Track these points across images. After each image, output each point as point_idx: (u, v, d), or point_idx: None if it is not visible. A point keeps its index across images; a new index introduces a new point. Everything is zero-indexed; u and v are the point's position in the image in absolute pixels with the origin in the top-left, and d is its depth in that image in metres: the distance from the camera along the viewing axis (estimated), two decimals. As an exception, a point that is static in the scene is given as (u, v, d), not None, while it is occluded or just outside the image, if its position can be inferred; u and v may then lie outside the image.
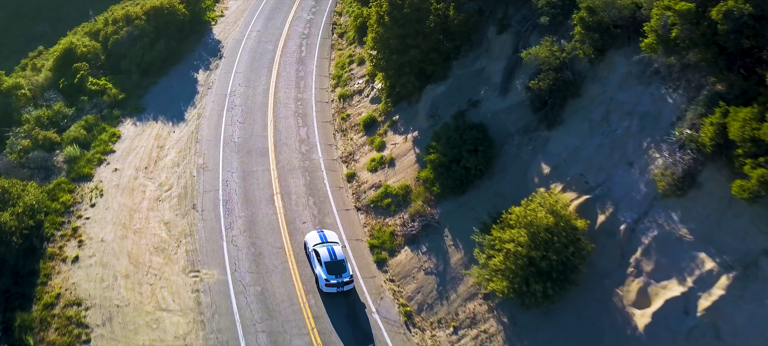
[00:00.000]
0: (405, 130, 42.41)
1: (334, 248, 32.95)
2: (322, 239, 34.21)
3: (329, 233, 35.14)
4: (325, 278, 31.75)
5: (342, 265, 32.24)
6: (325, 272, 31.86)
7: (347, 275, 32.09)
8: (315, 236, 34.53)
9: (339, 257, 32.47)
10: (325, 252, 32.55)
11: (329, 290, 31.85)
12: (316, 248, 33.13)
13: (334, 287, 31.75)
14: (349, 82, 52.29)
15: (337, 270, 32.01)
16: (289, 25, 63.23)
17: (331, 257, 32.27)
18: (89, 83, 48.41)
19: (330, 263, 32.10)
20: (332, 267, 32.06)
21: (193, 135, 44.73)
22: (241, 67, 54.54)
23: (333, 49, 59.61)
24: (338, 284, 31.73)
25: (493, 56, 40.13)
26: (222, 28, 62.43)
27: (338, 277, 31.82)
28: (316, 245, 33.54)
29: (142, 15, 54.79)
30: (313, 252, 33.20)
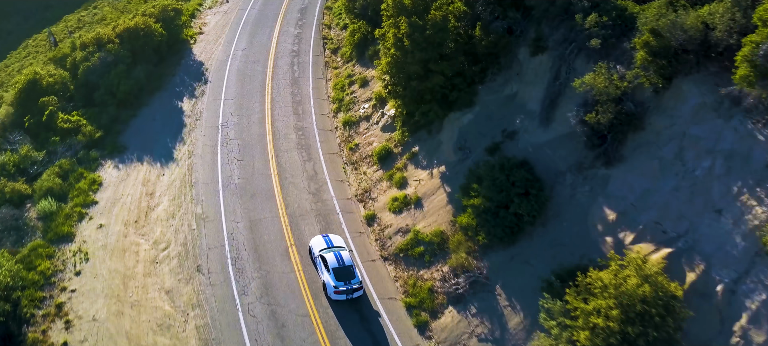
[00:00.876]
0: (428, 164, 38.03)
1: (342, 253, 31.96)
2: (328, 244, 33.14)
3: (335, 237, 34.02)
4: (333, 285, 30.63)
5: (351, 271, 31.20)
6: (334, 278, 30.74)
7: (356, 281, 30.96)
8: (320, 241, 33.47)
9: (347, 262, 31.50)
10: (332, 258, 31.53)
11: (338, 297, 30.76)
12: (323, 254, 32.09)
13: (343, 294, 30.70)
14: (353, 107, 47.57)
15: (346, 276, 30.89)
16: (276, 41, 58.02)
17: (338, 263, 31.21)
18: (60, 120, 42.42)
19: (338, 269, 30.98)
20: (341, 273, 30.91)
21: (186, 178, 39.34)
22: (230, 92, 49.20)
23: (328, 68, 54.75)
24: (347, 290, 30.68)
25: (526, 80, 36.09)
26: (203, 47, 56.79)
27: (347, 283, 30.70)
28: (322, 251, 32.44)
29: (115, 38, 48.89)
30: (320, 258, 32.16)
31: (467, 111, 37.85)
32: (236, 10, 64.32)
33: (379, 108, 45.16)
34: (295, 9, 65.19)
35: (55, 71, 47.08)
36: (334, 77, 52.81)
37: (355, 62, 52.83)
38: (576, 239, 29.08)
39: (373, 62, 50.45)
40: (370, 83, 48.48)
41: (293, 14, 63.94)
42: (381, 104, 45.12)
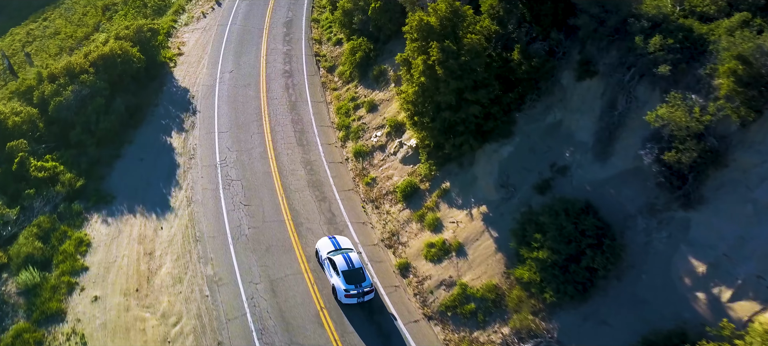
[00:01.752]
0: (464, 203, 34.15)
1: (351, 256, 31.25)
2: (336, 246, 32.56)
3: (342, 239, 33.42)
4: (344, 289, 29.94)
5: (361, 273, 30.59)
6: (344, 282, 30.06)
7: (367, 283, 30.41)
8: (327, 243, 32.82)
9: (356, 264, 30.83)
10: (341, 260, 30.83)
11: (349, 301, 30.09)
12: (331, 257, 31.37)
13: (354, 297, 30.02)
14: (363, 135, 43.26)
15: (357, 279, 30.28)
16: (265, 60, 53.08)
17: (348, 266, 30.57)
18: (33, 168, 36.65)
19: (348, 272, 30.35)
20: (351, 276, 30.28)
21: (188, 231, 34.35)
22: (223, 123, 44.15)
23: (326, 89, 50.22)
24: (358, 294, 30.00)
25: (571, 108, 32.57)
26: (185, 70, 51.36)
27: (358, 287, 30.07)
28: (330, 253, 31.75)
29: (89, 67, 43.15)
30: (328, 261, 31.52)
31: (505, 142, 34.12)
32: (216, 26, 58.92)
33: (395, 136, 41.00)
34: (279, 23, 60.27)
35: (21, 108, 41.07)
36: (336, 100, 48.32)
37: (357, 83, 48.48)
38: (661, 295, 25.72)
39: (379, 83, 46.32)
40: (380, 108, 44.27)
41: (278, 29, 59.02)
42: (397, 132, 40.97)
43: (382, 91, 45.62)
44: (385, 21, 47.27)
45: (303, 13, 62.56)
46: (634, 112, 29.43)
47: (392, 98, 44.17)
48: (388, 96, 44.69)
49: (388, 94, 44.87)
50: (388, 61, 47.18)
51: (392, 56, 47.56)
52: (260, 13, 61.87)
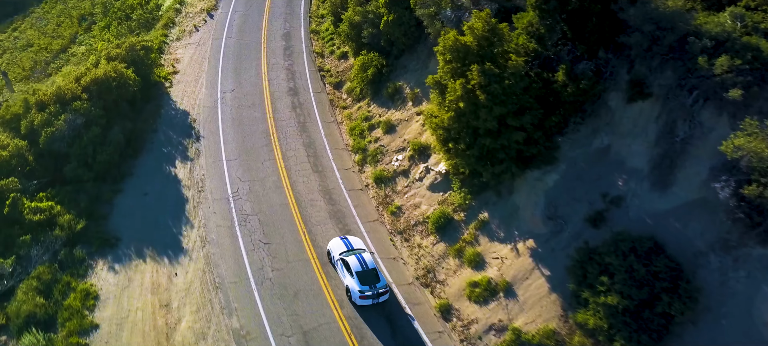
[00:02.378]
0: (507, 237, 31.66)
1: (364, 256, 31.13)
2: (348, 246, 32.33)
3: (354, 240, 33.18)
4: (358, 290, 29.74)
5: (375, 274, 30.44)
6: (359, 283, 29.85)
7: (382, 284, 30.21)
8: (339, 244, 32.58)
9: (370, 265, 30.70)
10: (354, 261, 30.67)
11: (364, 302, 29.87)
12: (344, 257, 31.22)
13: (369, 298, 29.82)
14: (382, 158, 40.48)
15: (371, 280, 30.07)
16: (266, 77, 49.90)
17: (362, 267, 30.40)
18: (27, 211, 33.02)
19: (362, 273, 30.16)
20: (365, 277, 30.07)
21: (206, 276, 31.19)
22: (230, 149, 40.92)
23: (335, 108, 47.30)
24: (374, 295, 29.82)
25: (621, 132, 30.27)
26: (182, 90, 47.87)
27: (373, 288, 29.86)
28: (343, 254, 31.64)
29: (82, 93, 39.51)
30: (341, 262, 31.36)
31: (549, 169, 31.70)
32: (210, 40, 55.47)
33: (419, 160, 38.33)
34: (277, 35, 57.08)
35: (8, 140, 37.24)
36: (347, 120, 45.44)
37: (369, 101, 45.66)
38: (741, 340, 23.62)
39: (395, 102, 43.58)
40: (398, 128, 41.54)
41: (277, 42, 55.83)
42: (421, 156, 38.32)
43: (398, 110, 42.89)
44: (398, 35, 44.54)
45: (301, 25, 59.49)
46: (698, 138, 27.26)
47: (411, 118, 41.52)
48: (406, 116, 42.00)
49: (405, 114, 42.17)
50: (403, 77, 44.50)
51: (407, 72, 44.97)
52: (256, 26, 58.58)
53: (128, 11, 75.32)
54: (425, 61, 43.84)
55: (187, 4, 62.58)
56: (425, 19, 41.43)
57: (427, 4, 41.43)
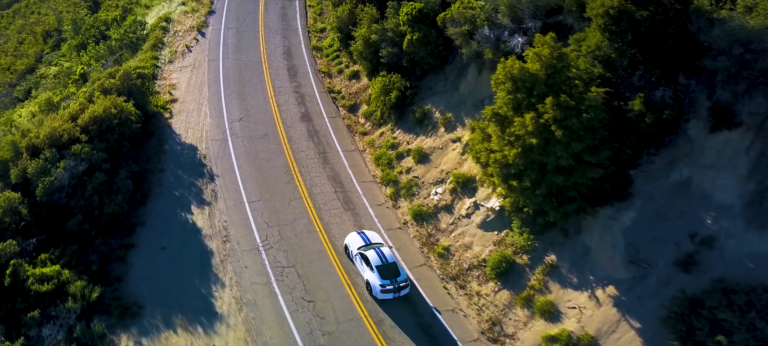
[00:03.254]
0: (582, 283, 28.72)
1: (383, 250, 31.12)
2: (366, 241, 32.25)
3: (371, 234, 33.03)
4: (380, 284, 29.76)
5: (395, 268, 30.56)
6: (380, 277, 29.87)
7: (402, 278, 30.32)
8: (356, 238, 32.48)
9: (390, 259, 30.76)
10: (374, 255, 30.60)
11: (386, 296, 29.98)
12: (363, 252, 31.11)
13: (390, 292, 29.94)
14: (418, 192, 37.14)
15: (391, 274, 30.17)
16: (275, 102, 45.87)
17: (381, 261, 30.40)
18: (31, 280, 28.38)
19: (382, 267, 30.18)
20: (385, 271, 30.09)
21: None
22: (251, 190, 36.86)
23: (354, 134, 43.68)
24: (395, 288, 29.93)
25: (703, 163, 27.64)
26: (184, 121, 43.42)
27: (393, 282, 29.93)
28: (361, 248, 31.58)
29: (80, 133, 34.87)
30: (360, 256, 31.30)
31: (623, 206, 28.90)
32: (206, 62, 51.03)
33: (463, 195, 35.11)
34: (277, 54, 53.02)
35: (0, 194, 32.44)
36: (369, 148, 41.90)
37: (393, 126, 42.20)
38: None
39: (424, 127, 40.24)
40: (432, 157, 38.23)
41: (279, 61, 51.80)
42: (465, 190, 35.13)
43: (429, 136, 39.59)
44: (424, 55, 41.20)
45: (301, 41, 55.58)
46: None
47: (445, 146, 38.28)
48: (439, 143, 38.73)
49: (438, 141, 38.90)
50: (430, 100, 41.20)
51: (434, 95, 41.69)
52: (252, 44, 54.37)
53: (102, 28, 69.90)
54: (454, 82, 40.70)
55: (175, 22, 57.85)
56: (458, 38, 38.26)
57: (459, 22, 38.28)
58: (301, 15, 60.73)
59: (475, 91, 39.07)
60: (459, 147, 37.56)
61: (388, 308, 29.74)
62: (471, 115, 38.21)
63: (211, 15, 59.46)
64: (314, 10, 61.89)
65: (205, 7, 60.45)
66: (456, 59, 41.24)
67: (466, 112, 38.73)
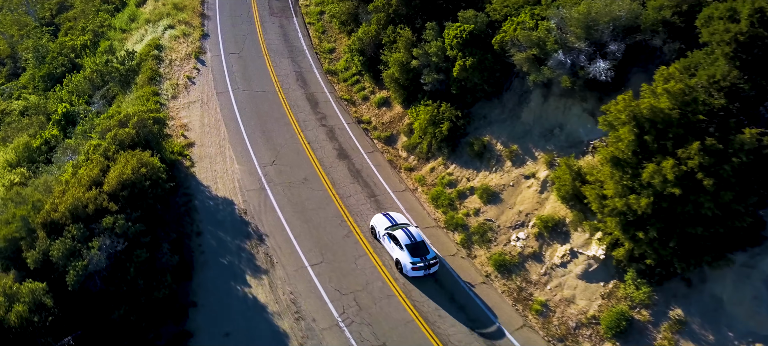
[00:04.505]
0: (722, 341, 25.77)
1: (411, 230, 31.94)
2: (392, 222, 33.05)
3: (396, 215, 33.86)
4: (411, 262, 30.60)
5: (424, 246, 31.42)
6: (410, 255, 30.73)
7: (432, 255, 31.23)
8: (383, 220, 33.29)
9: (418, 238, 31.59)
10: (403, 235, 31.37)
11: (416, 273, 30.81)
12: (391, 232, 31.96)
13: (421, 270, 30.74)
14: (493, 237, 33.45)
15: (422, 252, 31.02)
16: (304, 139, 41.10)
17: (411, 240, 31.24)
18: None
19: (411, 246, 31.01)
20: (415, 249, 30.93)
21: None
22: (309, 250, 32.14)
23: (399, 170, 39.56)
24: (425, 266, 30.76)
25: None
26: (208, 169, 38.05)
27: (423, 259, 30.81)
28: (389, 229, 32.38)
29: (108, 202, 29.30)
30: (389, 236, 32.08)
31: (757, 252, 26.12)
32: (214, 95, 45.58)
33: (552, 239, 31.65)
34: (290, 80, 48.12)
35: (19, 288, 26.49)
36: (420, 186, 37.92)
37: (444, 160, 38.32)
38: None
39: (486, 162, 36.58)
40: (503, 197, 34.58)
41: (295, 90, 46.90)
42: (554, 234, 31.66)
43: (494, 172, 35.96)
44: (478, 81, 37.49)
45: (312, 65, 50.81)
46: None
47: (517, 183, 34.75)
48: (508, 180, 35.16)
49: (506, 177, 35.33)
50: (487, 131, 37.57)
51: (490, 125, 38.06)
52: (260, 70, 49.24)
53: (71, 55, 62.76)
54: (514, 110, 37.21)
55: (167, 49, 51.88)
56: (523, 64, 34.76)
57: (524, 45, 34.78)
58: (303, 34, 55.89)
59: (541, 119, 35.72)
60: (535, 184, 34.11)
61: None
62: (541, 147, 34.87)
63: (205, 39, 53.78)
64: (315, 27, 57.15)
65: (197, 31, 54.67)
66: (513, 85, 37.79)
67: (534, 143, 35.34)
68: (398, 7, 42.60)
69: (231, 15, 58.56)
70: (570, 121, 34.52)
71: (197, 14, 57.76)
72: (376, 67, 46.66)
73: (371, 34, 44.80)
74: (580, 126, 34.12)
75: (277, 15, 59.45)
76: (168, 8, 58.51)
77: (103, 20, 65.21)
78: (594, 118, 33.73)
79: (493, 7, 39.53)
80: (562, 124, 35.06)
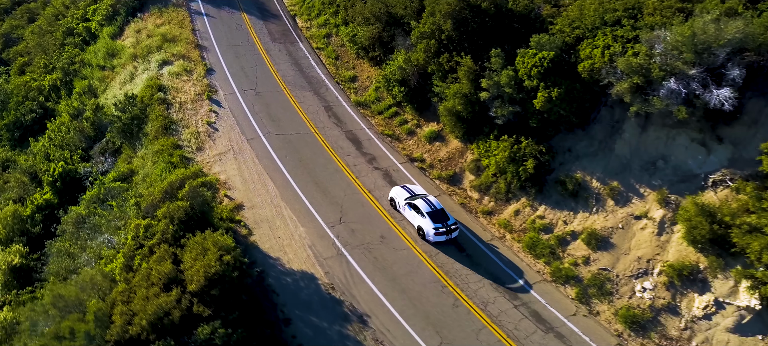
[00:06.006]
0: None
1: (430, 198, 33.54)
2: (411, 193, 34.67)
3: (414, 187, 35.59)
4: (433, 228, 32.12)
5: (445, 213, 32.86)
6: (432, 222, 32.23)
7: (452, 221, 32.76)
8: (401, 191, 34.90)
9: (438, 206, 33.04)
10: (423, 203, 32.91)
11: (439, 238, 32.38)
12: (412, 202, 33.53)
13: (443, 234, 32.31)
14: (614, 289, 30.21)
15: (442, 218, 32.55)
16: (362, 187, 36.49)
17: (431, 207, 32.75)
18: None
19: (432, 213, 32.56)
20: (436, 216, 32.47)
21: None
22: (422, 330, 27.52)
23: (475, 214, 35.74)
24: (447, 230, 32.34)
25: None
26: (269, 235, 32.64)
27: (445, 225, 32.34)
28: (408, 199, 34.06)
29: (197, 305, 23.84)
30: (410, 205, 33.62)
31: None
32: (244, 143, 39.92)
33: (685, 289, 28.69)
34: (322, 118, 43.16)
35: None
36: (507, 232, 34.25)
37: (530, 201, 34.79)
38: None
39: (584, 202, 33.43)
40: (614, 241, 31.42)
41: (331, 129, 42.00)
42: (687, 283, 28.71)
43: (595, 213, 32.76)
44: (566, 113, 34.18)
45: (338, 97, 46.06)
46: None
47: (628, 224, 31.67)
48: (614, 221, 32.02)
49: (612, 219, 32.18)
50: (577, 166, 34.32)
51: (579, 159, 34.85)
52: (286, 109, 43.96)
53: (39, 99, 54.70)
54: (605, 142, 34.13)
55: (171, 89, 45.55)
56: (626, 94, 31.68)
57: (622, 73, 31.72)
58: (316, 62, 50.86)
59: (640, 151, 32.82)
60: (649, 225, 31.13)
61: None
62: (645, 183, 31.99)
63: (211, 74, 47.74)
64: (326, 53, 52.26)
65: (199, 65, 48.52)
66: (601, 115, 34.73)
67: (636, 178, 32.41)
68: (451, 33, 38.62)
69: (230, 44, 52.65)
70: (675, 153, 31.78)
71: (192, 46, 51.48)
72: (422, 98, 42.58)
73: (419, 63, 40.61)
74: (688, 157, 31.44)
75: (280, 40, 54.06)
76: (156, 40, 51.84)
77: (72, 56, 57.35)
78: (705, 148, 31.20)
79: (558, 28, 36.51)
80: (666, 155, 32.29)
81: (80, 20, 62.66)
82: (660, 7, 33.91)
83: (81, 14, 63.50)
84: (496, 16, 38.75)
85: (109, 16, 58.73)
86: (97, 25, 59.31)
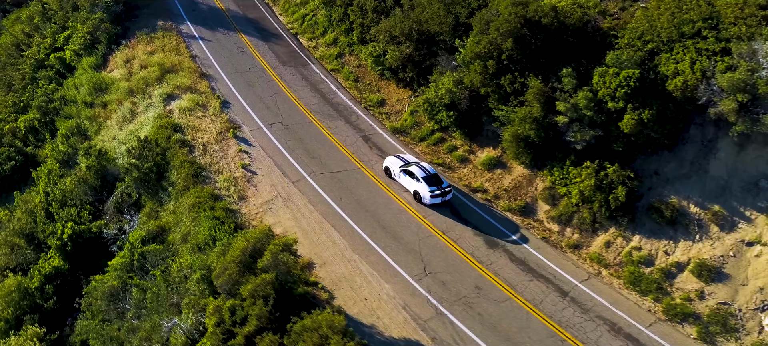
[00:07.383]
0: None
1: (424, 165, 35.47)
2: (405, 161, 36.34)
3: (407, 156, 37.34)
4: (429, 191, 34.03)
5: (439, 177, 34.95)
6: (427, 186, 34.13)
7: (446, 184, 34.83)
8: (395, 160, 36.55)
9: (432, 171, 35.06)
10: (418, 169, 34.82)
11: (435, 200, 34.23)
12: (407, 169, 35.28)
13: (438, 197, 34.24)
14: (739, 325, 28.03)
15: (437, 182, 34.55)
16: (435, 228, 32.93)
17: (426, 173, 34.67)
18: None
19: (427, 178, 34.47)
20: (430, 180, 34.44)
21: None
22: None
23: (560, 249, 32.98)
24: (441, 193, 34.29)
25: None
26: (352, 297, 28.45)
27: (439, 188, 34.35)
28: (403, 167, 35.67)
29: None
30: (405, 172, 35.37)
31: None
32: (289, 185, 35.48)
33: (820, 319, 26.94)
34: (364, 151, 39.26)
35: None
36: (602, 267, 31.62)
37: (621, 231, 32.33)
38: None
39: (684, 230, 31.24)
40: (727, 270, 29.35)
41: (375, 161, 38.13)
42: (821, 313, 26.97)
43: (700, 241, 30.55)
44: (657, 135, 31.80)
45: (371, 124, 42.37)
46: None
47: (739, 252, 29.63)
48: (723, 249, 29.91)
49: (720, 246, 30.06)
50: (670, 191, 32.07)
51: (670, 183, 32.71)
52: (320, 140, 39.78)
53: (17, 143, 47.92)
54: (696, 163, 32.02)
55: (188, 128, 40.34)
56: (731, 114, 29.57)
57: (721, 90, 29.60)
58: (336, 86, 46.77)
59: (738, 172, 30.91)
60: (765, 252, 29.22)
61: None
62: (750, 205, 30.10)
63: (227, 108, 42.78)
64: (343, 75, 48.28)
65: (212, 99, 43.45)
66: (691, 134, 32.60)
67: (739, 201, 30.47)
68: (513, 52, 35.63)
69: (237, 70, 47.69)
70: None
71: (197, 75, 46.23)
72: (473, 123, 39.43)
73: (474, 85, 37.38)
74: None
75: (290, 64, 49.55)
76: (154, 71, 46.21)
77: (48, 92, 50.62)
78: (814, 165, 29.71)
79: (626, 42, 34.24)
80: (767, 174, 30.58)
81: (49, 50, 55.74)
82: (742, 16, 32.20)
83: (49, 43, 56.49)
84: (557, 31, 36.11)
85: (87, 46, 52.25)
86: (73, 56, 52.71)
